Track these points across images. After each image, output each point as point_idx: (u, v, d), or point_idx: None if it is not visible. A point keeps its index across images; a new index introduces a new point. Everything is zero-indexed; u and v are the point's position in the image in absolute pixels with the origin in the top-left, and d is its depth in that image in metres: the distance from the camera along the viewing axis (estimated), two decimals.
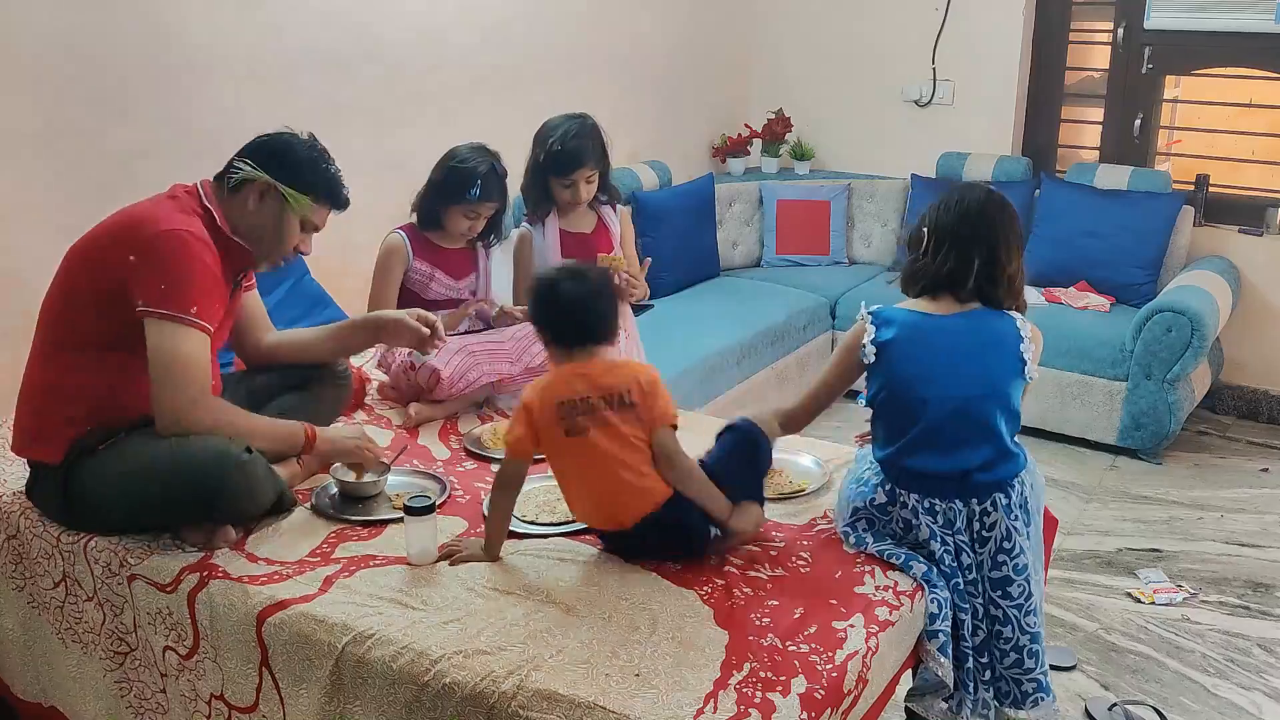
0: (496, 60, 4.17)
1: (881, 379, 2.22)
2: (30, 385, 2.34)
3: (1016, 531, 2.20)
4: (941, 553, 2.18)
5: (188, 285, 2.20)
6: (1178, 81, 4.98)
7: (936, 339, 2.20)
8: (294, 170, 2.36)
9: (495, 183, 2.99)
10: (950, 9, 5.02)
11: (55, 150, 2.92)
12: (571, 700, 1.76)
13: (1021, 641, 2.21)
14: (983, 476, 2.19)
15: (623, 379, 2.14)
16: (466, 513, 2.39)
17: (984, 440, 2.19)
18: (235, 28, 3.28)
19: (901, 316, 2.24)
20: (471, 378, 2.88)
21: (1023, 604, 2.20)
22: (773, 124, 5.38)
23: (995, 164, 4.90)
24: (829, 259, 5.08)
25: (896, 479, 2.22)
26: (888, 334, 2.21)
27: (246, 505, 2.23)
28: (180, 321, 2.19)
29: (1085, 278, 4.58)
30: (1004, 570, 2.20)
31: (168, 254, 2.20)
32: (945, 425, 2.17)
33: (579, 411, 2.11)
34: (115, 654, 2.28)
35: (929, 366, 2.18)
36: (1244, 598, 3.25)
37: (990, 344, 2.21)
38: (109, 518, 2.26)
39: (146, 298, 2.19)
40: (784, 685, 1.82)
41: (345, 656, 1.93)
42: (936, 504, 2.19)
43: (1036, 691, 2.23)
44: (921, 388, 2.18)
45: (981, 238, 2.20)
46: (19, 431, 2.36)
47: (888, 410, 2.23)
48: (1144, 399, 4.10)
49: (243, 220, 2.36)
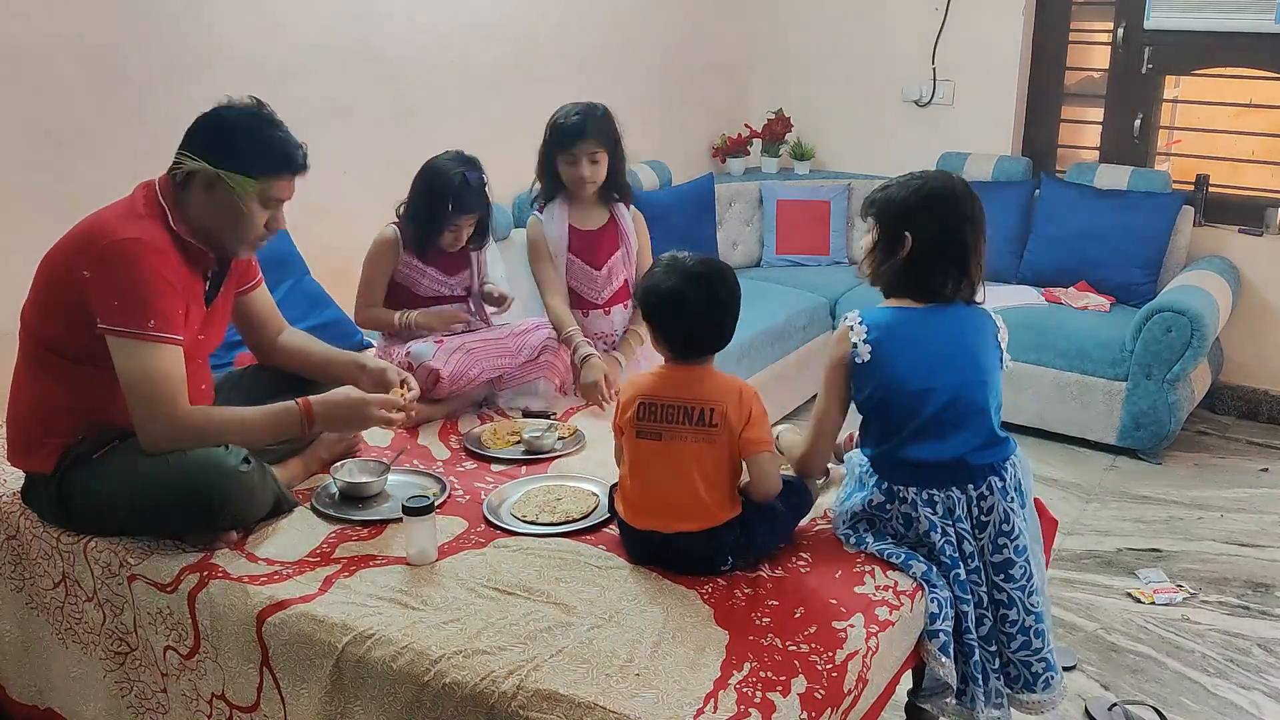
0: (497, 60, 4.17)
1: (876, 378, 2.20)
2: (16, 397, 2.31)
3: (1013, 513, 2.21)
4: (942, 544, 2.18)
5: (142, 299, 2.12)
6: (1178, 81, 4.97)
7: (926, 331, 2.21)
8: (234, 150, 2.20)
9: (471, 195, 2.93)
10: (950, 9, 5.02)
11: (55, 150, 2.92)
12: (571, 700, 1.76)
13: (1028, 623, 2.21)
14: (978, 460, 2.20)
15: (714, 398, 2.11)
16: (466, 513, 2.39)
17: (978, 425, 2.21)
18: (236, 27, 3.28)
19: (888, 315, 2.23)
20: (472, 375, 2.88)
21: (1025, 585, 2.21)
22: (773, 124, 5.38)
23: (995, 164, 4.90)
24: (829, 259, 5.08)
25: (892, 475, 2.22)
26: (877, 333, 2.20)
27: (244, 515, 2.22)
28: (140, 338, 2.12)
29: (1085, 278, 4.58)
30: (1005, 553, 2.20)
31: (118, 268, 2.12)
32: (944, 413, 2.18)
33: (655, 418, 2.12)
34: (115, 654, 2.28)
35: (924, 358, 2.19)
36: (1244, 598, 3.26)
37: (972, 334, 2.23)
38: (105, 525, 2.25)
39: (104, 315, 2.13)
40: (784, 685, 1.82)
41: (345, 656, 1.93)
42: (935, 494, 2.19)
43: (1046, 671, 2.23)
44: (920, 379, 2.18)
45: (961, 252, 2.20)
46: (10, 443, 2.34)
47: (884, 409, 2.22)
48: (1144, 399, 4.10)
49: (199, 215, 2.24)
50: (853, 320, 2.22)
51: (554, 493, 2.43)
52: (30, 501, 2.35)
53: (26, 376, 2.29)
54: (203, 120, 2.26)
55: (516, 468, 2.64)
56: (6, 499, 2.42)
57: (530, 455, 2.68)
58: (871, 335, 2.19)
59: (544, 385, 3.00)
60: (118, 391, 2.17)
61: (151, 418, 2.16)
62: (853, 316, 2.23)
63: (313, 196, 2.56)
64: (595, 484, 2.45)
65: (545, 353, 3.01)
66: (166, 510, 2.17)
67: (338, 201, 3.56)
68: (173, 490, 2.14)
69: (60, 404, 2.25)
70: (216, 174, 2.20)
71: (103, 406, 2.22)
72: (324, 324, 3.19)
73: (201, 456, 2.16)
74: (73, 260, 2.17)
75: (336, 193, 3.56)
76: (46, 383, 2.26)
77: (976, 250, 2.21)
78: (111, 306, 2.12)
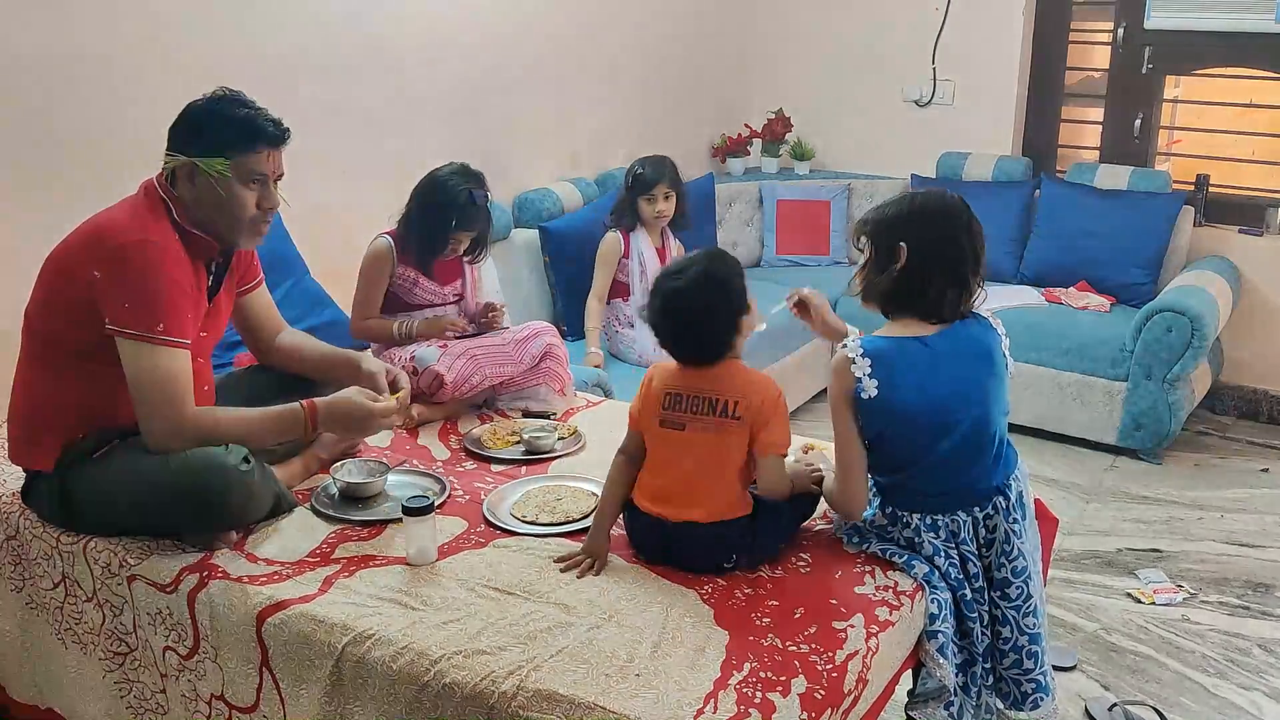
0: (497, 62, 4.17)
1: (886, 415, 2.10)
2: (18, 394, 2.31)
3: (1014, 534, 2.19)
4: (947, 567, 2.17)
5: (152, 301, 2.13)
6: (1178, 81, 4.97)
7: (935, 363, 2.12)
8: (201, 136, 2.21)
9: (475, 213, 2.96)
10: (950, 9, 5.02)
11: (52, 153, 2.91)
12: (572, 700, 1.76)
13: (1020, 642, 2.20)
14: (984, 484, 2.18)
15: (738, 391, 2.11)
16: (466, 513, 2.39)
17: (990, 450, 2.17)
18: (234, 30, 3.28)
19: (891, 346, 2.12)
20: (475, 381, 2.88)
21: (1020, 605, 2.20)
22: (773, 124, 5.38)
23: (995, 164, 4.90)
24: (829, 259, 5.07)
25: (898, 502, 2.20)
26: (883, 368, 2.08)
27: (244, 514, 2.22)
28: (148, 340, 2.13)
29: (1085, 278, 4.58)
30: (1003, 572, 2.20)
31: (129, 269, 2.13)
32: (961, 448, 2.13)
33: (680, 408, 2.13)
34: (115, 654, 2.28)
35: (937, 393, 2.11)
36: (1244, 598, 3.25)
37: (980, 355, 2.16)
38: (105, 524, 2.25)
39: (113, 316, 2.13)
40: (784, 685, 1.82)
41: (345, 656, 1.93)
42: (939, 519, 2.17)
43: (1036, 692, 2.23)
44: (934, 414, 2.11)
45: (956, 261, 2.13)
46: (11, 440, 2.34)
47: (895, 445, 2.15)
48: (1144, 399, 4.10)
49: (192, 209, 2.24)
50: (854, 352, 2.10)
51: (554, 493, 2.43)
52: (30, 500, 2.35)
53: (29, 374, 2.29)
54: (177, 118, 2.27)
55: (516, 468, 2.64)
56: (6, 499, 2.42)
57: (530, 455, 2.68)
58: (878, 371, 2.08)
59: (545, 390, 2.99)
60: (121, 390, 2.17)
61: (158, 419, 2.16)
62: (853, 347, 2.11)
63: (313, 196, 2.56)
64: (595, 484, 2.44)
65: (547, 359, 3.01)
66: (167, 509, 2.17)
67: (337, 201, 3.56)
68: (173, 489, 2.14)
69: (62, 401, 2.25)
70: (192, 163, 2.21)
71: (105, 405, 2.23)
72: (324, 324, 3.18)
73: (202, 456, 2.16)
74: (82, 259, 2.17)
75: (336, 193, 3.56)
76: (49, 380, 2.26)
77: (974, 262, 2.14)
78: (121, 308, 2.13)
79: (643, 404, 2.19)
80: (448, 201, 2.92)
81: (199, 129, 2.23)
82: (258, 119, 2.24)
